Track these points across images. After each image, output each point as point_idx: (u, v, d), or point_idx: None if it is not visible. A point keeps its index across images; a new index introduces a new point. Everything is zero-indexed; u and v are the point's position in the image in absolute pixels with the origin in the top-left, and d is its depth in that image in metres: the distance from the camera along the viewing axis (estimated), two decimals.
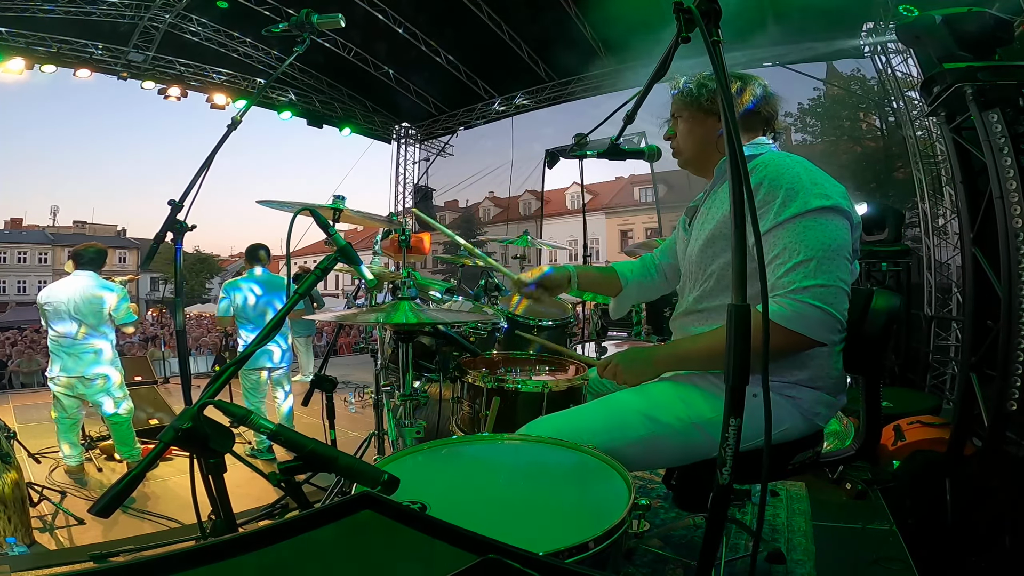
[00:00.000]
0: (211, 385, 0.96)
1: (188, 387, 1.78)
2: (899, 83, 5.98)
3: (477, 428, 1.80)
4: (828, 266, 1.20)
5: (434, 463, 1.21)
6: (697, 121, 1.50)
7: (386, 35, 7.88)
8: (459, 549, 0.56)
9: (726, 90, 0.90)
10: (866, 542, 2.37)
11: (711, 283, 1.42)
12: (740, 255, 0.86)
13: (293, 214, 1.62)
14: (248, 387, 3.93)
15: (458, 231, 17.16)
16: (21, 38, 6.97)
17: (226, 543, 0.55)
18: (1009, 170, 2.41)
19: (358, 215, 2.69)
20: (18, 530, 2.48)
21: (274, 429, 0.92)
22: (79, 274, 3.53)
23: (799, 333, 1.19)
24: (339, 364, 8.15)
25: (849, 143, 10.86)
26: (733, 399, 0.86)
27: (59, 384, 3.43)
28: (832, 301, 1.19)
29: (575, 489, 1.11)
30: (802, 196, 1.24)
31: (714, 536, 0.95)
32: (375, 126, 10.92)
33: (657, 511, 2.51)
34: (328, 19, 1.88)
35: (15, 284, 31.61)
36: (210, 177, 1.75)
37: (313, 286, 1.13)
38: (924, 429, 3.31)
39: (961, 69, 2.56)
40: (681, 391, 1.39)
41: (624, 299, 1.87)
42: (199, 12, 7.47)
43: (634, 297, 1.88)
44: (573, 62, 8.29)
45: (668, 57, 1.08)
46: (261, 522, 2.69)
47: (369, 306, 2.82)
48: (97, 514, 0.82)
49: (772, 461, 1.37)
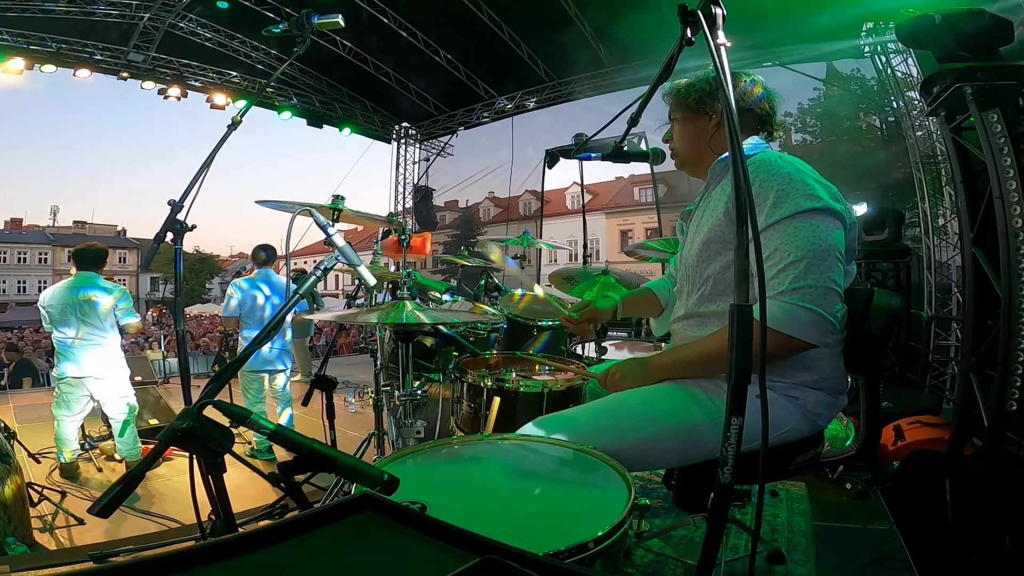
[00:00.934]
0: (211, 385, 0.96)
1: (188, 387, 1.78)
2: (899, 83, 5.98)
3: (477, 428, 1.81)
4: (818, 267, 1.20)
5: (434, 463, 1.21)
6: (689, 122, 1.50)
7: (386, 35, 7.87)
8: (459, 549, 0.56)
9: (728, 94, 0.89)
10: (866, 542, 2.37)
11: (708, 287, 1.42)
12: (742, 255, 0.86)
13: (293, 214, 1.62)
14: (247, 388, 3.94)
15: (458, 231, 17.16)
16: (21, 38, 6.97)
17: (226, 543, 0.55)
18: (1009, 170, 2.41)
19: (358, 215, 2.69)
20: (18, 530, 2.48)
21: (274, 429, 0.92)
22: (80, 274, 3.53)
23: (789, 335, 1.19)
24: (339, 364, 8.14)
25: (849, 143, 10.85)
26: (735, 398, 0.86)
27: (65, 383, 3.44)
28: (822, 302, 1.19)
29: (575, 489, 1.11)
30: (792, 198, 1.24)
31: (715, 536, 0.95)
32: (375, 126, 10.92)
33: (657, 511, 2.51)
34: (328, 19, 1.88)
35: (15, 284, 31.60)
36: (210, 177, 1.76)
37: (313, 286, 1.13)
38: (924, 429, 3.31)
39: (961, 69, 2.55)
40: (682, 391, 1.39)
41: (666, 318, 1.85)
42: (199, 12, 7.46)
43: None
44: (573, 62, 8.30)
45: (672, 60, 1.08)
46: (261, 522, 2.69)
47: (369, 306, 2.82)
48: (97, 514, 0.82)
49: (773, 462, 1.37)
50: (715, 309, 1.41)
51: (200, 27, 7.67)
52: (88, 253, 3.60)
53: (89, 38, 7.36)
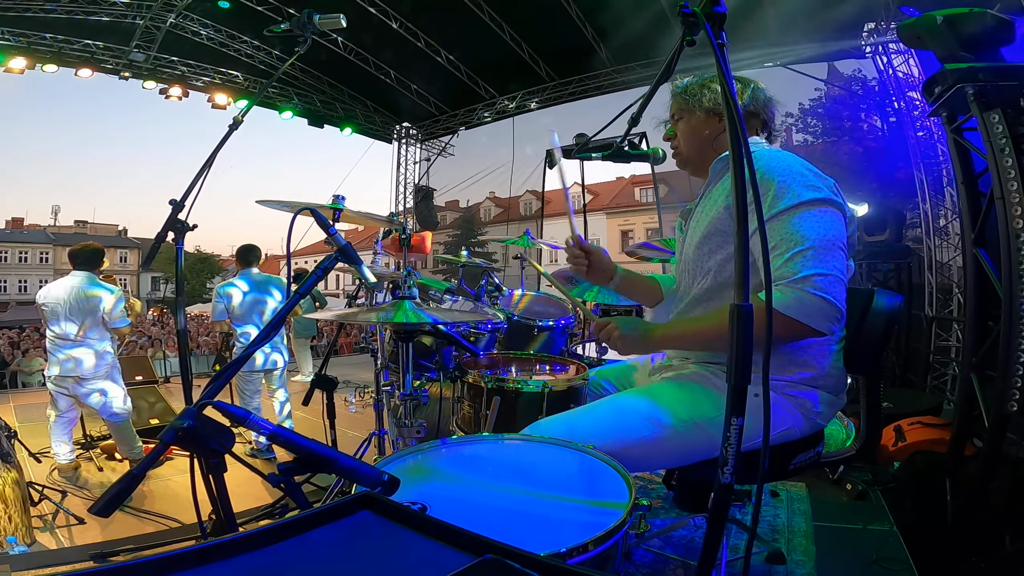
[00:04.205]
0: (211, 385, 0.96)
1: (188, 387, 1.78)
2: (900, 83, 5.98)
3: (477, 428, 1.80)
4: (826, 255, 1.21)
5: (434, 463, 1.21)
6: (692, 121, 1.51)
7: (387, 35, 7.87)
8: (459, 549, 0.56)
9: (731, 93, 0.89)
10: (866, 542, 2.37)
11: (709, 280, 1.42)
12: (742, 252, 0.86)
13: (293, 214, 1.62)
14: (245, 389, 3.93)
15: (459, 231, 17.10)
16: (23, 37, 6.98)
17: (226, 543, 0.55)
18: (1010, 171, 2.40)
19: (358, 215, 2.69)
20: (18, 529, 2.48)
21: (273, 429, 0.92)
22: (76, 274, 3.52)
23: (800, 321, 1.18)
24: (339, 364, 8.15)
25: (850, 143, 10.84)
26: (735, 398, 0.86)
27: (56, 383, 3.41)
28: (832, 290, 1.19)
29: (575, 489, 1.11)
30: (794, 189, 1.25)
31: (715, 536, 0.95)
32: (376, 126, 10.92)
33: (657, 511, 2.51)
34: (329, 19, 1.88)
35: (16, 284, 31.62)
36: (211, 177, 1.76)
37: (313, 286, 1.13)
38: (924, 430, 3.31)
39: (962, 70, 2.55)
40: (683, 392, 1.39)
41: (662, 309, 1.85)
42: (201, 12, 7.47)
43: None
44: (574, 62, 8.30)
45: (673, 60, 1.08)
46: (261, 522, 2.69)
47: (369, 306, 2.82)
48: (97, 513, 0.82)
49: (774, 462, 1.37)
50: (716, 303, 1.41)
51: (202, 27, 7.67)
52: (83, 253, 3.58)
53: (90, 38, 7.37)
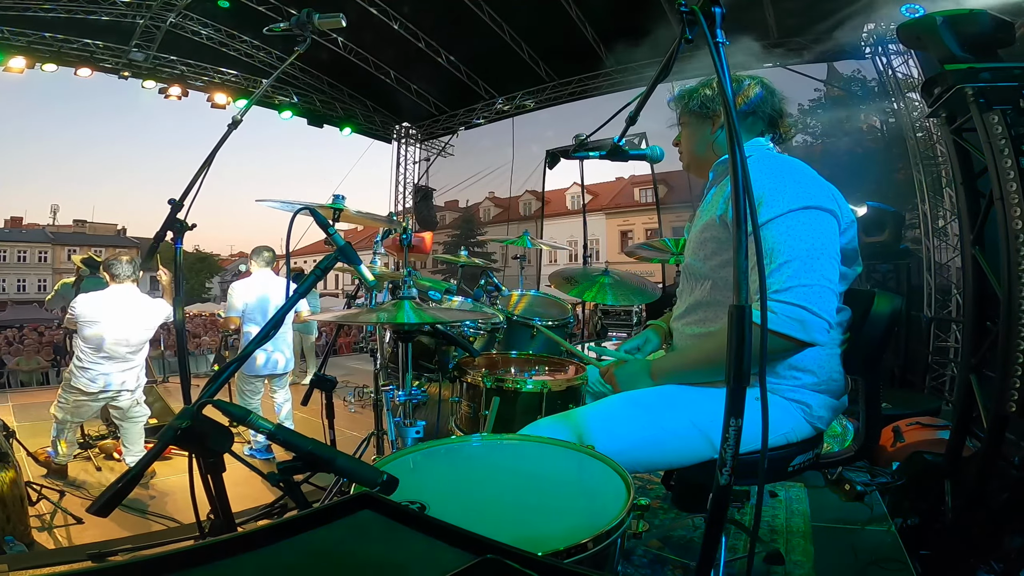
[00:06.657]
0: (210, 384, 0.96)
1: (188, 386, 1.77)
2: (900, 84, 5.98)
3: (477, 428, 1.80)
4: (812, 265, 1.20)
5: (433, 463, 1.21)
6: (694, 126, 1.52)
7: (387, 35, 7.87)
8: (458, 549, 0.56)
9: (727, 92, 0.89)
10: (865, 543, 2.37)
11: (707, 286, 1.43)
12: (740, 255, 0.86)
13: (293, 214, 1.62)
14: (245, 389, 3.93)
15: (458, 231, 17.09)
16: (22, 37, 6.97)
17: (225, 543, 0.55)
18: (1010, 172, 2.40)
19: (358, 215, 2.69)
20: (16, 529, 2.48)
21: (273, 429, 0.91)
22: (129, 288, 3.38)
23: (784, 335, 1.19)
24: (339, 364, 8.14)
25: (849, 144, 10.85)
26: (734, 399, 0.86)
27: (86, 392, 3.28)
28: (816, 301, 1.19)
29: (574, 489, 1.11)
30: (783, 198, 1.25)
31: (713, 537, 0.95)
32: (375, 126, 10.92)
33: (656, 511, 2.51)
34: (329, 19, 1.88)
35: (15, 283, 31.57)
36: (210, 176, 1.75)
37: (313, 286, 1.12)
38: (923, 430, 3.31)
39: (962, 70, 2.55)
40: (682, 393, 1.39)
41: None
42: (200, 11, 7.46)
43: None
44: (574, 62, 8.30)
45: (671, 59, 1.08)
46: (260, 522, 2.69)
47: (369, 306, 2.81)
48: (96, 513, 0.82)
49: (773, 463, 1.37)
50: (715, 308, 1.41)
51: (201, 26, 7.67)
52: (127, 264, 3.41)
53: (90, 37, 7.37)
